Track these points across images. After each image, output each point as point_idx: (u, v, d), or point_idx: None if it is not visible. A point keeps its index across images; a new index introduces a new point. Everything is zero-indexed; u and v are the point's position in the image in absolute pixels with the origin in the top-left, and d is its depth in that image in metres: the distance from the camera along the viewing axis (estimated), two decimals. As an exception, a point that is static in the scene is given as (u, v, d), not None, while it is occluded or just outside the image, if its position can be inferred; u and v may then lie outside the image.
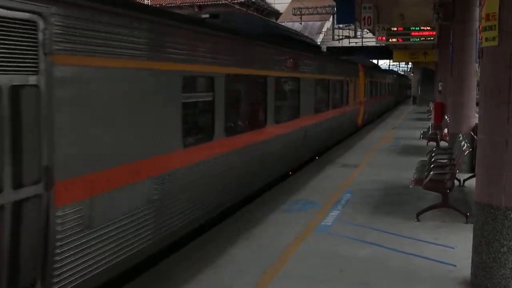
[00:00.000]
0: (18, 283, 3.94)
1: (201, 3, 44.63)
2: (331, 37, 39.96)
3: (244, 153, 8.82)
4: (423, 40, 18.05)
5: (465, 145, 8.91)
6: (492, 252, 5.26)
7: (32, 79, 4.02)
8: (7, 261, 3.81)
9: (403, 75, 71.21)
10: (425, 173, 8.87)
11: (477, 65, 12.78)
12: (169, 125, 6.13)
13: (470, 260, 5.67)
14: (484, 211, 5.33)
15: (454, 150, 10.50)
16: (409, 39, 18.15)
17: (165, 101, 6.04)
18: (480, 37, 5.59)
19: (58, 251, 4.28)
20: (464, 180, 11.04)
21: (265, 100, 10.12)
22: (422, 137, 17.36)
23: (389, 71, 49.80)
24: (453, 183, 8.70)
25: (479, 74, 9.51)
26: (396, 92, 49.66)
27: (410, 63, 58.19)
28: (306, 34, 40.90)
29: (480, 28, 5.66)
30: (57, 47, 4.25)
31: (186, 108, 6.62)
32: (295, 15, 41.46)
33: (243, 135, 8.88)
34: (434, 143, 16.42)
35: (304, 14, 40.78)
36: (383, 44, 25.97)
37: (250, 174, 9.20)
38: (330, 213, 8.79)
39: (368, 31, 31.81)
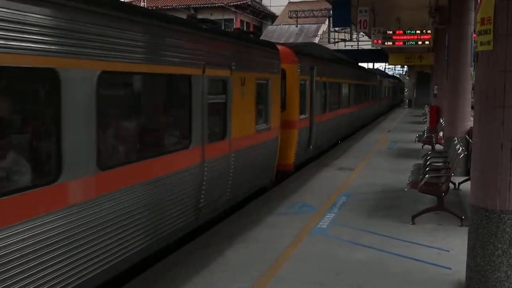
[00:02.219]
0: None
1: (197, 6, 44.70)
2: (327, 40, 40.01)
3: None
4: (419, 43, 18.08)
5: (460, 148, 8.94)
6: (487, 255, 5.28)
7: None
8: None
9: (394, 76, 63.23)
10: (421, 176, 8.90)
11: (472, 68, 12.82)
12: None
13: (465, 263, 5.69)
14: (479, 214, 5.35)
15: (449, 153, 10.53)
16: (404, 43, 18.18)
17: None
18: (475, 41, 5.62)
19: None
20: (459, 183, 11.08)
21: None
22: (418, 140, 17.40)
23: (370, 71, 37.78)
24: (448, 186, 8.73)
25: (474, 77, 9.54)
26: (382, 98, 38.71)
27: (405, 66, 58.29)
28: (302, 36, 40.93)
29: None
30: None
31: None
32: (291, 18, 41.58)
33: None
34: (430, 146, 16.45)
35: (300, 17, 40.91)
36: (379, 48, 26.06)
37: None
38: (326, 216, 8.80)
39: (364, 34, 31.86)
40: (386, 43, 18.33)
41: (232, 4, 42.60)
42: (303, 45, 17.34)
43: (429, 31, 17.61)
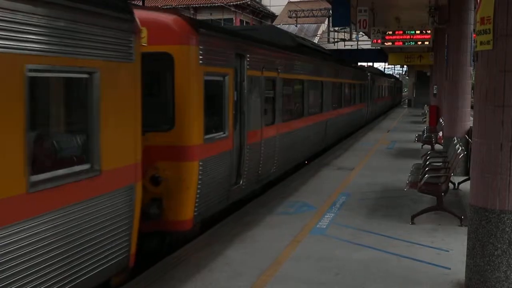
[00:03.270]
0: None
1: (196, 5, 44.70)
2: (326, 39, 40.04)
3: None
4: (418, 43, 18.07)
5: (460, 148, 8.94)
6: (486, 255, 5.28)
7: None
8: None
9: (391, 75, 59.05)
10: (420, 176, 8.90)
11: (472, 68, 12.82)
12: None
13: (464, 263, 5.69)
14: (479, 214, 5.35)
15: (448, 153, 10.52)
16: (404, 42, 18.17)
17: None
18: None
19: None
20: (459, 183, 11.08)
21: None
22: (417, 140, 17.41)
23: (358, 67, 29.09)
24: (448, 186, 8.73)
25: (474, 77, 9.54)
26: (375, 100, 32.31)
27: (405, 66, 58.25)
28: (301, 36, 41.15)
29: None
30: None
31: None
32: (290, 17, 41.58)
33: None
34: (429, 146, 16.46)
35: (299, 17, 40.91)
36: (379, 47, 26.03)
37: None
38: (326, 216, 8.79)
39: (363, 34, 31.85)
40: (385, 43, 18.34)
41: (231, 3, 42.58)
42: (260, 27, 12.47)
43: (428, 31, 17.61)
